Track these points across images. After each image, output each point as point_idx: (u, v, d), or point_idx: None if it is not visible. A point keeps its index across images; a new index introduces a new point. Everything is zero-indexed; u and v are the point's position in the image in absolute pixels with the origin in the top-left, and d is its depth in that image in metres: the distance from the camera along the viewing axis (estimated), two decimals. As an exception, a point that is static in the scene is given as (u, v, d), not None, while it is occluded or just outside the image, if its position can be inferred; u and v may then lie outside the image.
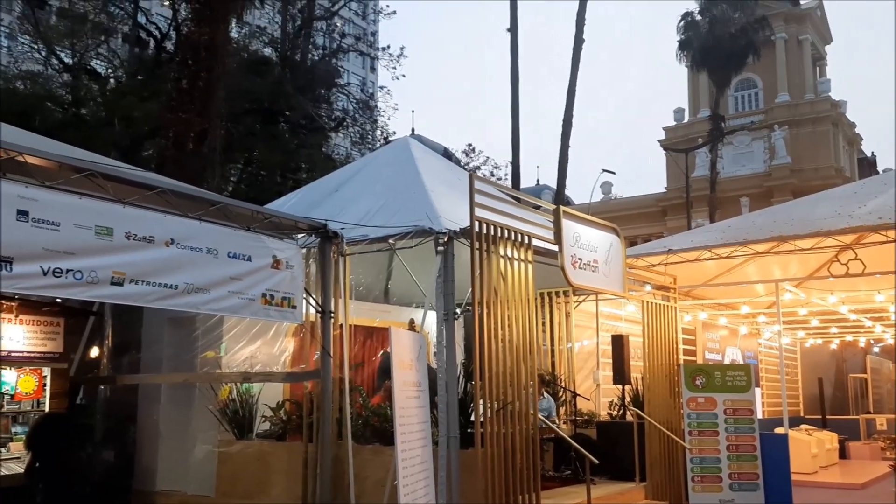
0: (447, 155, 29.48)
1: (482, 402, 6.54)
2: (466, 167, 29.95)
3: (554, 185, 27.44)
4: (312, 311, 7.19)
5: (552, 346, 11.21)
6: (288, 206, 9.28)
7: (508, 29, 25.35)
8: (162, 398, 8.87)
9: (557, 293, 11.16)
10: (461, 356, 8.33)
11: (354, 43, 31.16)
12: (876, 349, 20.16)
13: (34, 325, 8.44)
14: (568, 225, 7.60)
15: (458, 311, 6.99)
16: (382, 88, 31.32)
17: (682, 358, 10.59)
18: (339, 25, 30.77)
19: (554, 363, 11.14)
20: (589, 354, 11.61)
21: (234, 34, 20.73)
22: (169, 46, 23.72)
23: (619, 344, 9.77)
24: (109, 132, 20.13)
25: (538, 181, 50.64)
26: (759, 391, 15.36)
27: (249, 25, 26.34)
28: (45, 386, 8.57)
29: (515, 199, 8.25)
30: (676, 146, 41.53)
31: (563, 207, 7.72)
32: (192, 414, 8.58)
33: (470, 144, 46.80)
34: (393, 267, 10.51)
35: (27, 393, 8.47)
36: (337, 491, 6.99)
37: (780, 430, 11.29)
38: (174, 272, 5.64)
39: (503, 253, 6.99)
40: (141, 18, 25.37)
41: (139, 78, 23.18)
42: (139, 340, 9.16)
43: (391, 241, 7.35)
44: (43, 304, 8.31)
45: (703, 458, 9.69)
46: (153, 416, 8.90)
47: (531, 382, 7.20)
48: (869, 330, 17.04)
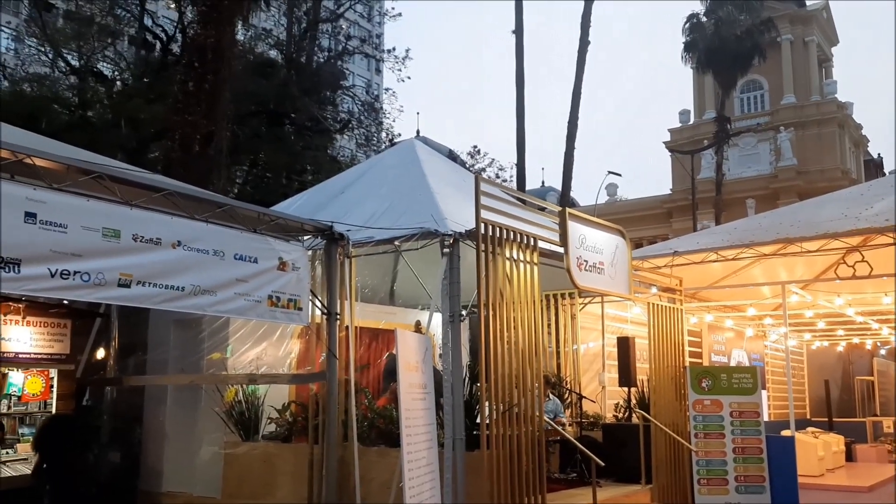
0: (452, 157, 29.49)
1: (488, 403, 6.53)
2: (471, 169, 29.97)
3: (558, 186, 27.44)
4: (318, 312, 7.20)
5: (558, 348, 11.20)
6: (294, 207, 9.28)
7: (513, 31, 25.39)
8: (168, 400, 8.87)
9: (563, 295, 11.15)
10: (467, 358, 8.34)
11: (360, 45, 31.22)
12: (883, 351, 20.08)
13: (41, 326, 8.48)
14: (574, 227, 7.60)
15: (463, 312, 6.98)
16: (388, 90, 31.44)
17: (687, 360, 10.56)
18: (344, 27, 30.86)
19: (559, 365, 11.12)
20: (594, 356, 11.59)
21: (239, 37, 20.80)
22: (175, 49, 23.85)
23: (624, 346, 9.74)
24: (116, 134, 20.21)
25: (543, 183, 50.62)
26: (765, 393, 15.33)
27: (255, 28, 26.42)
28: (51, 387, 8.61)
29: (521, 200, 8.24)
30: (682, 148, 41.46)
31: (568, 209, 7.71)
32: (198, 415, 8.57)
33: (475, 146, 46.90)
34: (399, 269, 10.51)
35: (34, 394, 8.51)
36: (342, 493, 6.98)
37: (786, 432, 11.25)
38: (181, 274, 5.66)
39: (509, 255, 6.99)
40: (147, 21, 25.49)
41: (145, 80, 23.28)
42: (145, 342, 9.16)
43: (397, 242, 7.36)
44: (50, 305, 8.34)
45: (709, 460, 9.66)
46: (159, 417, 8.90)
47: (537, 384, 7.19)
48: (876, 332, 16.97)
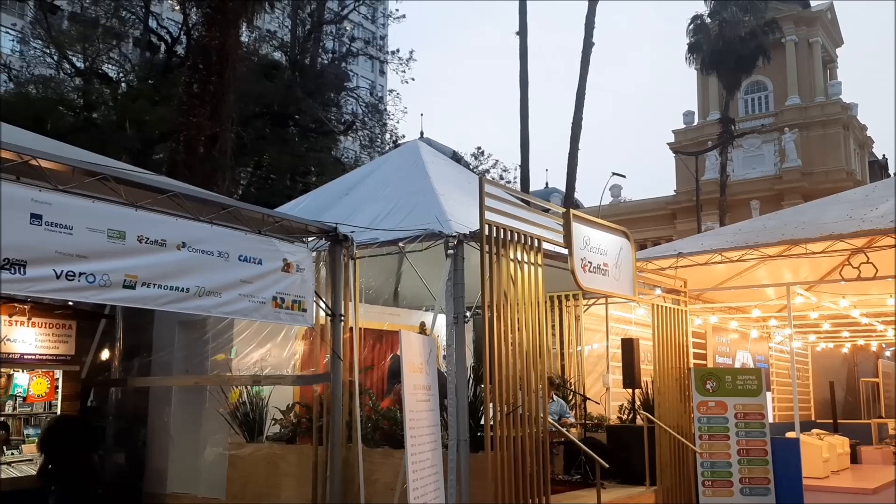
0: (456, 158, 29.54)
1: (492, 405, 6.53)
2: (475, 170, 29.99)
3: (562, 188, 27.45)
4: (322, 314, 7.21)
5: (562, 349, 11.18)
6: (298, 209, 9.29)
7: (517, 33, 25.39)
8: (172, 401, 8.88)
9: (567, 296, 11.13)
10: (471, 359, 8.33)
11: (364, 47, 31.28)
12: (888, 353, 20.02)
13: (46, 327, 8.49)
14: (578, 228, 7.59)
15: (467, 314, 6.98)
16: (392, 92, 31.42)
17: (692, 361, 10.54)
18: (348, 29, 30.90)
19: (564, 367, 11.11)
20: (599, 358, 11.58)
21: (244, 38, 20.83)
22: (180, 51, 23.93)
23: (629, 347, 9.73)
24: (121, 136, 20.28)
25: (547, 184, 50.74)
26: (769, 395, 15.28)
27: (260, 30, 26.44)
28: (57, 388, 8.62)
29: (525, 202, 8.24)
30: (686, 149, 41.37)
31: (572, 210, 7.70)
32: (202, 417, 8.59)
33: (479, 147, 46.79)
34: (403, 270, 10.50)
35: (39, 395, 8.52)
36: (347, 494, 6.99)
37: (791, 434, 11.23)
38: (186, 275, 5.67)
39: (513, 256, 6.98)
40: (152, 23, 25.59)
41: (150, 82, 23.34)
42: (150, 343, 9.18)
43: (401, 244, 7.36)
44: (55, 306, 8.36)
45: (713, 462, 9.65)
46: (164, 418, 8.92)
47: (541, 386, 7.19)
48: (881, 334, 16.91)
